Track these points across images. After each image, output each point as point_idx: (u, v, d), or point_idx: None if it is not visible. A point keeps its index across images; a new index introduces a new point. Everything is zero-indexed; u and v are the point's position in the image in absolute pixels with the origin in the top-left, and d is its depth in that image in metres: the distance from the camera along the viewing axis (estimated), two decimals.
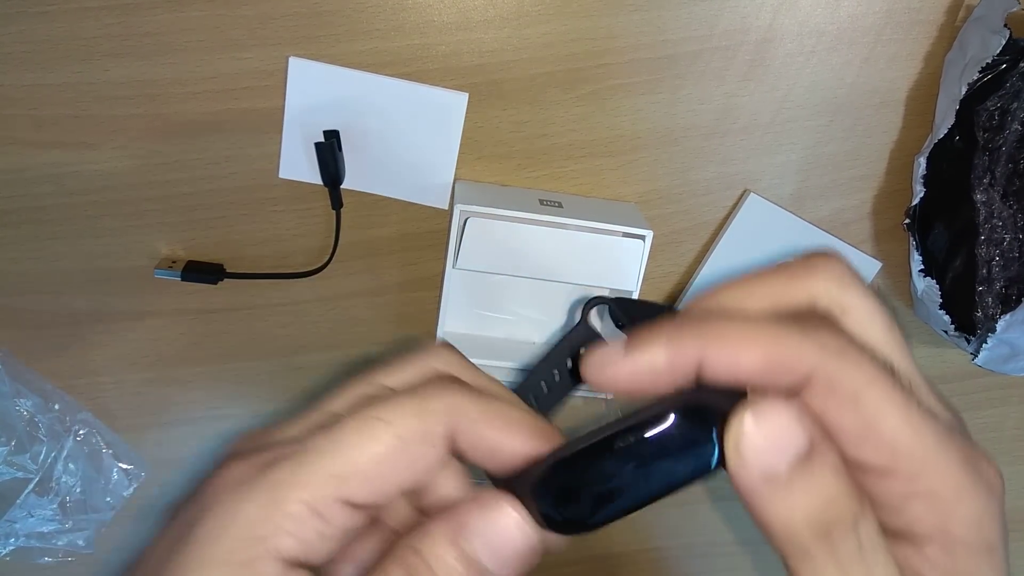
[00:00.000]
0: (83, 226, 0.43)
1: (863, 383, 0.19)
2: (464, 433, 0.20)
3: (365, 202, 0.44)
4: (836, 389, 0.19)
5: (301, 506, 0.19)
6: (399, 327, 0.48)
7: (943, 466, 0.19)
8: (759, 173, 0.45)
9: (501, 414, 0.20)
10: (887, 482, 0.19)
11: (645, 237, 0.40)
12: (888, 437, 0.19)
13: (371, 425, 0.19)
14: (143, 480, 0.51)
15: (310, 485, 0.19)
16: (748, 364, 0.19)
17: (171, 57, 0.40)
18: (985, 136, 0.41)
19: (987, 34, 0.39)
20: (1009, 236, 0.42)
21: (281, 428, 0.22)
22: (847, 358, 0.19)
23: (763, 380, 0.19)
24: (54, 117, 0.41)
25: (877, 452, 0.19)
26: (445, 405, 0.20)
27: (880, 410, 0.19)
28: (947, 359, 0.51)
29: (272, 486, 0.19)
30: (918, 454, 0.19)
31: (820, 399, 0.19)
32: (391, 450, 0.19)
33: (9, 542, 0.49)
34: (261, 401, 0.50)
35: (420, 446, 0.19)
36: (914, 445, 0.19)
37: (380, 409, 0.20)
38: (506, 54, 0.41)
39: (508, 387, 0.26)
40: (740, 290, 0.22)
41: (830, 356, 0.19)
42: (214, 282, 0.44)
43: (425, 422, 0.20)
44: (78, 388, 0.48)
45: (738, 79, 0.42)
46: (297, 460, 0.19)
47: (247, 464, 0.20)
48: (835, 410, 0.19)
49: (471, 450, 0.20)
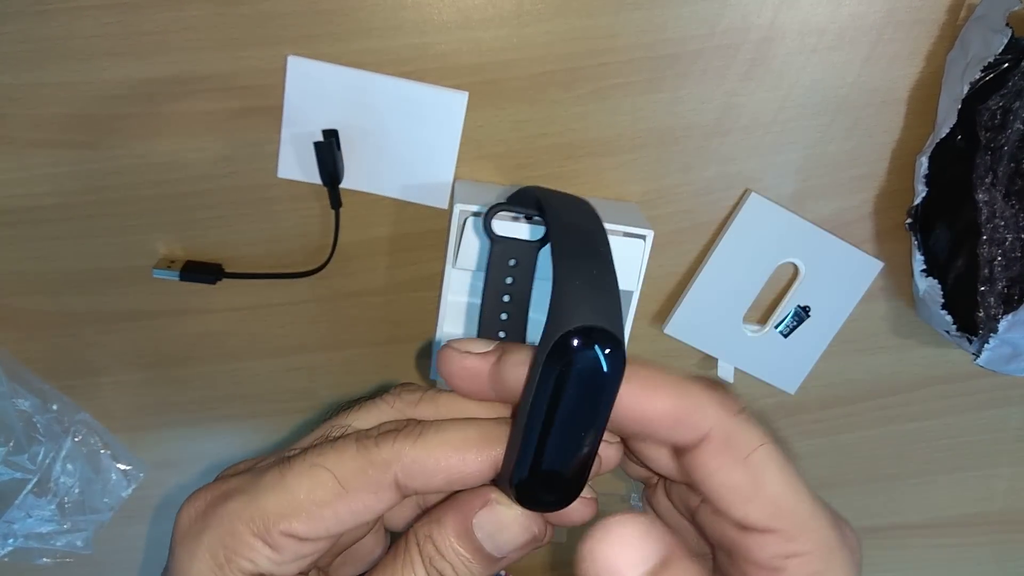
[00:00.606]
0: (82, 226, 0.43)
1: (755, 443, 0.20)
2: (415, 477, 0.21)
3: (364, 202, 0.44)
4: (732, 446, 0.20)
5: (252, 537, 0.20)
6: (399, 327, 0.48)
7: (818, 527, 0.20)
8: (760, 173, 0.45)
9: (446, 444, 0.21)
10: (769, 541, 0.20)
11: (646, 237, 0.40)
12: (772, 495, 0.20)
13: (315, 472, 0.21)
14: (141, 481, 0.51)
15: (255, 519, 0.20)
16: (656, 410, 0.20)
17: (170, 56, 0.40)
18: (987, 135, 0.40)
19: (989, 33, 0.39)
20: (1011, 236, 0.41)
21: (251, 461, 0.23)
22: (743, 419, 0.21)
23: (666, 431, 0.20)
24: (54, 117, 0.40)
25: (762, 510, 0.20)
26: (387, 453, 0.21)
27: (767, 469, 0.20)
28: (949, 359, 0.51)
29: (226, 517, 0.21)
30: (797, 514, 0.20)
31: (715, 456, 0.20)
32: (333, 496, 0.21)
33: (7, 543, 0.49)
34: (260, 402, 0.50)
35: (364, 493, 0.21)
36: (795, 505, 0.20)
37: (325, 457, 0.21)
38: (506, 53, 0.41)
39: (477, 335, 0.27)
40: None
41: (730, 414, 0.21)
42: (213, 282, 0.44)
43: (366, 472, 0.21)
44: (77, 388, 0.48)
45: (739, 78, 0.42)
46: (250, 495, 0.21)
47: (207, 492, 0.22)
48: (728, 467, 0.20)
49: (426, 485, 0.21)
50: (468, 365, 0.22)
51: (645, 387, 0.20)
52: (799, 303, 0.47)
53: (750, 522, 0.20)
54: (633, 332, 0.42)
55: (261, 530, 0.20)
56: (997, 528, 0.58)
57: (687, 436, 0.21)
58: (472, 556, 0.21)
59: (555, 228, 0.23)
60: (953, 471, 0.55)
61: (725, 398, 0.21)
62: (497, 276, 0.32)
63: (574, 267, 0.21)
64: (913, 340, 0.50)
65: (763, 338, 0.47)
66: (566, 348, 0.19)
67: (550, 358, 0.19)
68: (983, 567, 0.59)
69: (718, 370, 0.48)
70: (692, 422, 0.20)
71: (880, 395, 0.52)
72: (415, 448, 0.21)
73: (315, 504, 0.20)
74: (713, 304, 0.46)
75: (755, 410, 0.48)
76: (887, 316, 0.49)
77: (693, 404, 0.20)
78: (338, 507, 0.21)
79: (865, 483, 0.55)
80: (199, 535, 0.21)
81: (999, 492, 0.56)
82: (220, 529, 0.20)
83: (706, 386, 0.21)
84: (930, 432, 0.53)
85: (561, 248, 0.21)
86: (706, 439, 0.20)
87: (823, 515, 0.21)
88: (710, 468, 0.20)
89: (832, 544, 0.20)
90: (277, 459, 0.22)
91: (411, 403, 0.23)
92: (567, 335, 0.19)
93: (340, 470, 0.21)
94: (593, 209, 0.25)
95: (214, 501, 0.21)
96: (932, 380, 0.51)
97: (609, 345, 0.19)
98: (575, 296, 0.20)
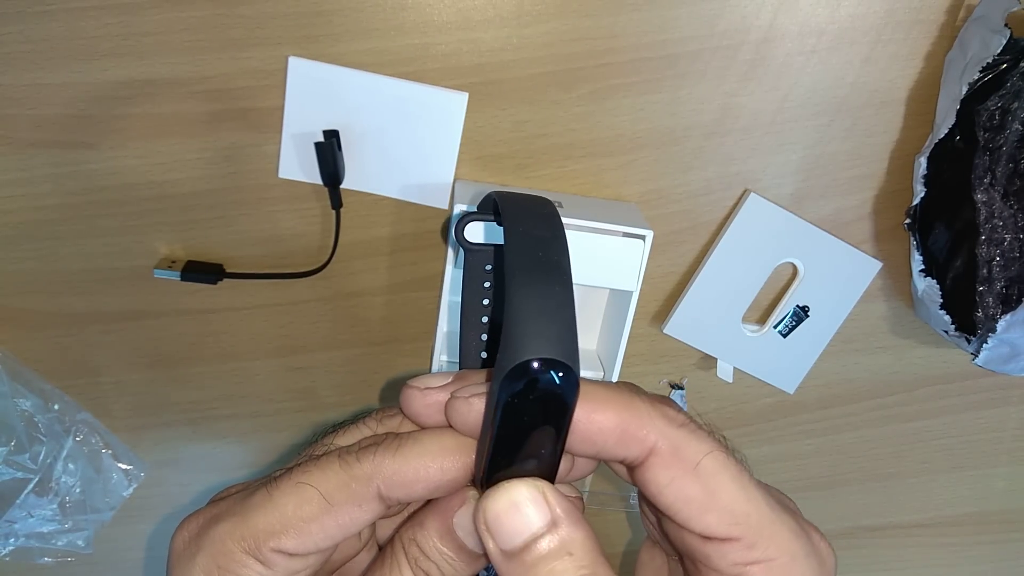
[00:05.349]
0: (82, 226, 0.43)
1: (702, 452, 0.21)
2: (397, 488, 0.22)
3: (365, 202, 0.44)
4: (679, 457, 0.21)
5: (243, 554, 0.21)
6: (399, 327, 0.48)
7: (778, 534, 0.21)
8: (759, 173, 0.45)
9: (424, 454, 0.22)
10: (729, 549, 0.20)
11: (645, 237, 0.40)
12: (726, 503, 0.20)
13: (301, 489, 0.21)
14: (142, 480, 0.51)
15: (246, 538, 0.21)
16: (602, 426, 0.21)
17: (171, 57, 0.40)
18: (986, 136, 0.40)
19: (987, 34, 0.39)
20: (1010, 236, 0.42)
21: (240, 485, 0.24)
22: (689, 429, 0.21)
23: (614, 447, 0.21)
24: (54, 117, 0.41)
25: (719, 519, 0.20)
26: (368, 466, 0.22)
27: (719, 478, 0.21)
28: (947, 359, 0.51)
29: (217, 538, 0.21)
30: (754, 521, 0.20)
31: (664, 468, 0.21)
32: (319, 511, 0.21)
33: (9, 542, 0.49)
34: (261, 401, 0.50)
35: (348, 506, 0.21)
36: (751, 511, 0.21)
37: (310, 474, 0.22)
38: (506, 54, 0.41)
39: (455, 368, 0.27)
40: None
41: (674, 426, 0.21)
42: (213, 282, 0.44)
43: (350, 486, 0.21)
44: (77, 388, 0.48)
45: (738, 79, 0.42)
46: (240, 515, 0.21)
47: (199, 516, 0.23)
48: (679, 479, 0.21)
49: (408, 494, 0.22)
50: (430, 401, 0.22)
51: (590, 404, 0.21)
52: (798, 303, 0.47)
53: (709, 532, 0.21)
54: (633, 332, 0.42)
55: (252, 548, 0.21)
56: (996, 527, 0.58)
57: (634, 450, 0.21)
58: (455, 554, 0.22)
59: (509, 240, 0.23)
60: (952, 470, 0.55)
61: (668, 411, 0.21)
62: (474, 287, 0.31)
63: (526, 289, 0.21)
64: (912, 340, 0.50)
65: (762, 338, 0.48)
66: (519, 377, 0.19)
67: (503, 388, 0.20)
68: (982, 566, 0.60)
69: (717, 370, 0.48)
70: (638, 436, 0.21)
71: (879, 395, 0.52)
72: (395, 460, 0.22)
73: (302, 520, 0.21)
74: (712, 304, 0.46)
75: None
76: (886, 316, 0.49)
77: (636, 418, 0.21)
78: (325, 522, 0.21)
79: (864, 483, 0.55)
80: (193, 557, 0.21)
81: (997, 491, 0.56)
82: (212, 549, 0.21)
83: (650, 400, 0.21)
84: (929, 432, 0.53)
85: (514, 265, 0.21)
86: (653, 452, 0.21)
87: (784, 522, 0.21)
88: (661, 482, 0.21)
89: (796, 551, 0.21)
90: (265, 481, 0.23)
91: (391, 427, 0.24)
92: (520, 366, 0.19)
93: (324, 486, 0.21)
94: (554, 212, 0.25)
95: (206, 524, 0.22)
96: (931, 380, 0.51)
97: (561, 370, 0.19)
98: (526, 324, 0.20)
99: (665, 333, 0.47)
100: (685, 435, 0.21)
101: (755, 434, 0.53)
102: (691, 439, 0.21)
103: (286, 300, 0.46)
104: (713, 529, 0.21)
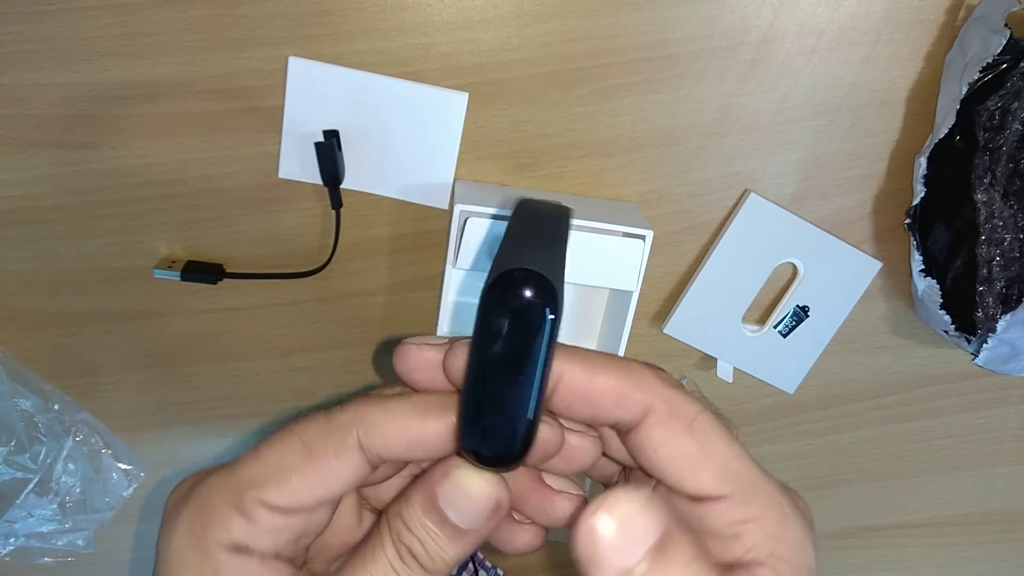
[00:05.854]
0: (83, 226, 0.43)
1: (696, 411, 0.21)
2: (376, 436, 0.22)
3: (365, 202, 0.44)
4: (675, 415, 0.21)
5: (226, 508, 0.21)
6: (399, 327, 0.48)
7: (768, 492, 0.21)
8: (759, 173, 0.45)
9: (406, 407, 0.22)
10: (723, 508, 0.21)
11: (645, 237, 0.40)
12: (719, 459, 0.21)
13: (284, 436, 0.22)
14: (142, 480, 0.51)
15: (229, 489, 0.21)
16: (602, 387, 0.21)
17: (171, 57, 0.40)
18: (986, 136, 0.40)
19: (987, 34, 0.39)
20: (1010, 236, 0.42)
21: None
22: (681, 390, 0.22)
23: (612, 408, 0.21)
24: (54, 117, 0.41)
25: (712, 475, 0.21)
26: (350, 415, 0.22)
27: (711, 435, 0.21)
28: (948, 359, 0.51)
29: (203, 493, 0.21)
30: (746, 477, 0.21)
31: (661, 427, 0.21)
32: (301, 460, 0.21)
33: (9, 542, 0.49)
34: (261, 401, 0.50)
35: (329, 456, 0.21)
36: (742, 469, 0.21)
37: (295, 425, 0.22)
38: (506, 54, 0.41)
39: None
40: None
41: (669, 387, 0.22)
42: (213, 282, 0.44)
43: (330, 433, 0.22)
44: (77, 388, 0.48)
45: (738, 79, 0.42)
46: (228, 469, 0.22)
47: (192, 476, 0.23)
48: (675, 436, 0.21)
49: (389, 450, 0.22)
50: (427, 356, 0.22)
51: (589, 367, 0.21)
52: (798, 303, 0.47)
53: (702, 490, 0.21)
54: (633, 332, 0.42)
55: (235, 499, 0.21)
56: (996, 527, 0.58)
57: (632, 411, 0.21)
58: (439, 528, 0.21)
59: (513, 214, 0.23)
60: (952, 470, 0.55)
61: (661, 373, 0.22)
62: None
63: (525, 223, 0.21)
64: (912, 340, 0.50)
65: (762, 338, 0.48)
66: (500, 289, 0.20)
67: (485, 301, 0.20)
68: (981, 566, 0.60)
69: (717, 370, 0.48)
70: (636, 396, 0.21)
71: (879, 395, 0.52)
72: (377, 411, 0.22)
73: (284, 469, 0.21)
74: (712, 304, 0.46)
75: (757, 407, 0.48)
76: (886, 316, 0.49)
77: (635, 379, 0.21)
78: (307, 471, 0.21)
79: (864, 482, 0.55)
80: (179, 511, 0.22)
81: (997, 491, 0.56)
82: (198, 503, 0.21)
83: (645, 364, 0.22)
84: (929, 431, 0.53)
85: (518, 212, 0.22)
86: (650, 411, 0.21)
87: (770, 480, 0.22)
88: (657, 440, 0.21)
89: (784, 508, 0.21)
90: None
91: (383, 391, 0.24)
92: (502, 276, 0.20)
93: (306, 434, 0.22)
94: (567, 211, 0.25)
95: (196, 480, 0.22)
96: (931, 380, 0.51)
97: (544, 286, 0.20)
98: (519, 244, 0.20)
99: (665, 333, 0.47)
100: (679, 395, 0.22)
101: (755, 434, 0.53)
102: (685, 399, 0.22)
103: (286, 300, 0.46)
104: (707, 486, 0.21)
